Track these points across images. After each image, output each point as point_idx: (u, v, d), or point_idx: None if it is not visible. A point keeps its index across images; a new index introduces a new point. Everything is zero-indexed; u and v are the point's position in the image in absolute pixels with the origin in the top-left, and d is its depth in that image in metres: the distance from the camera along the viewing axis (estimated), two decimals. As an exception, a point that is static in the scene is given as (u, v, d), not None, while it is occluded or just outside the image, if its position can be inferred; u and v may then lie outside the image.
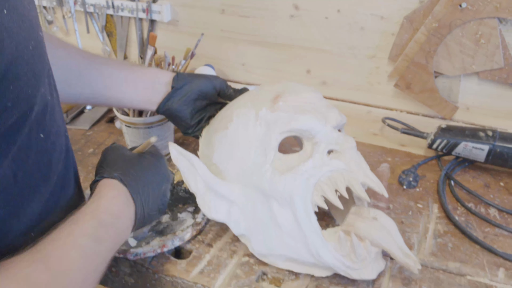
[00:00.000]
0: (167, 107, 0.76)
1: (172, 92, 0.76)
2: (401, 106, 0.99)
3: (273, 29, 1.01)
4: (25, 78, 0.41)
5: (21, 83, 0.40)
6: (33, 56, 0.42)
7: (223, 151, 0.71)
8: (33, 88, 0.43)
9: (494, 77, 0.89)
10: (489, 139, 0.84)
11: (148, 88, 0.76)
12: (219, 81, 0.79)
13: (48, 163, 0.50)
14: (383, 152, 0.97)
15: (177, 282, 0.69)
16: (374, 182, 0.66)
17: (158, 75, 0.77)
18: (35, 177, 0.48)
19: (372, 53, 0.96)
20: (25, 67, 0.41)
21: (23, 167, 0.45)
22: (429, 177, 0.89)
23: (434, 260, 0.71)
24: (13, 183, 0.45)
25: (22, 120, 0.43)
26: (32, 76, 0.42)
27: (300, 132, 0.68)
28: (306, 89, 0.73)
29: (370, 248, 0.64)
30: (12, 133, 0.42)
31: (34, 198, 0.48)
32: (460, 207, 0.81)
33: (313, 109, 0.69)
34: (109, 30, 1.17)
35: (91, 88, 0.72)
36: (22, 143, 0.44)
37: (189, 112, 0.77)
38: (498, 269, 0.70)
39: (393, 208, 0.81)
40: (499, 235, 0.75)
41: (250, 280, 0.68)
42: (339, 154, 0.68)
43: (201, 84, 0.76)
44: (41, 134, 0.47)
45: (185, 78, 0.76)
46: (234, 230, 0.70)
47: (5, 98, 0.39)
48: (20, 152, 0.44)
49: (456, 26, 0.87)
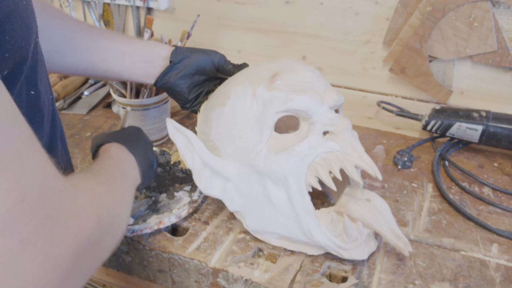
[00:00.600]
0: (165, 81, 0.76)
1: (170, 66, 0.76)
2: (396, 91, 1.00)
3: (268, 15, 1.02)
4: (19, 31, 0.43)
5: (16, 35, 0.42)
6: (26, 10, 0.44)
7: (220, 128, 0.71)
8: (26, 41, 0.45)
9: (487, 61, 0.90)
10: (483, 120, 0.85)
11: (145, 61, 0.76)
12: (218, 56, 0.79)
13: (40, 122, 0.51)
14: (378, 134, 0.97)
15: (174, 259, 0.69)
16: (368, 164, 0.66)
17: (156, 48, 0.77)
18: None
19: (367, 38, 0.97)
20: (20, 20, 0.42)
21: None
22: (423, 158, 0.89)
23: (429, 236, 0.72)
24: None
25: (16, 73, 0.45)
26: (25, 30, 0.44)
27: (296, 112, 0.68)
28: (305, 67, 0.73)
29: (362, 229, 0.65)
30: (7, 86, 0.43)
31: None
32: (454, 187, 0.82)
33: (310, 89, 0.69)
34: (106, 19, 1.18)
35: (88, 60, 0.73)
36: (14, 99, 0.45)
37: (187, 86, 0.77)
38: (491, 245, 0.70)
39: (388, 188, 0.82)
40: (493, 212, 0.76)
41: (246, 256, 0.68)
42: (334, 136, 0.68)
43: (199, 59, 0.77)
44: (32, 91, 0.49)
45: (184, 52, 0.76)
46: (229, 207, 0.70)
47: (3, 49, 0.41)
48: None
49: (449, 10, 0.88)
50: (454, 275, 0.65)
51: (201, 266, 0.68)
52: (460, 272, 0.66)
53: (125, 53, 0.75)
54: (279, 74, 0.70)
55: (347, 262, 0.67)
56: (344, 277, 0.66)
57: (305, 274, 0.65)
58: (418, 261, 0.67)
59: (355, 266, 0.67)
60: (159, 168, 0.85)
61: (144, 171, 0.68)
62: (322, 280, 0.65)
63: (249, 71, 0.75)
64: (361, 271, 0.66)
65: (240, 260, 0.68)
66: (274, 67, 0.72)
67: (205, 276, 0.68)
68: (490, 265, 0.67)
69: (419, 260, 0.68)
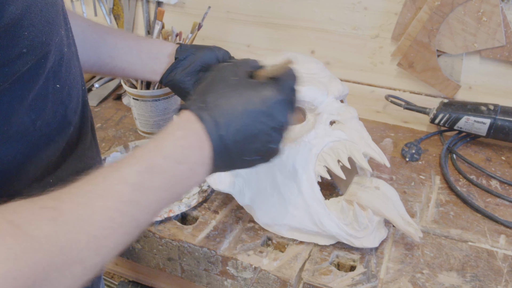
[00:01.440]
0: (170, 78, 0.77)
1: (175, 63, 0.77)
2: (404, 86, 1.00)
3: (277, 10, 1.03)
4: (39, 26, 0.42)
5: (35, 30, 0.42)
6: (46, 4, 0.43)
7: None
8: (47, 36, 0.44)
9: (496, 56, 0.91)
10: (491, 113, 0.85)
11: (152, 58, 0.77)
12: (222, 52, 0.79)
13: (64, 114, 0.51)
14: (386, 128, 0.98)
15: (184, 247, 0.70)
16: (376, 152, 0.67)
17: (162, 46, 0.78)
18: (51, 126, 0.49)
19: (375, 33, 0.98)
20: (39, 15, 0.42)
21: (41, 115, 0.47)
22: (431, 151, 0.90)
23: (436, 227, 0.72)
24: (32, 131, 0.46)
25: (37, 67, 0.44)
26: (46, 24, 0.43)
27: (302, 103, 0.69)
28: (309, 59, 0.74)
29: (372, 217, 0.65)
30: (28, 80, 0.44)
31: (50, 146, 0.50)
32: (462, 179, 0.82)
33: (315, 80, 0.70)
34: (116, 13, 1.19)
35: (95, 57, 0.74)
36: (39, 92, 0.46)
37: (192, 83, 0.78)
38: (499, 236, 0.71)
39: (396, 179, 0.82)
40: (500, 204, 0.77)
41: (255, 244, 0.69)
42: (341, 125, 0.69)
43: (204, 55, 0.77)
44: (57, 84, 0.48)
45: (188, 49, 0.77)
46: (239, 201, 0.71)
47: (20, 44, 0.40)
48: (38, 101, 0.46)
49: (458, 4, 0.88)
50: (461, 265, 0.66)
51: (211, 254, 0.68)
52: (468, 262, 0.66)
53: (133, 49, 0.76)
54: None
55: (355, 251, 0.68)
56: (353, 266, 0.67)
57: (314, 263, 0.66)
58: (426, 251, 0.68)
59: (363, 255, 0.67)
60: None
61: (234, 162, 0.51)
62: (330, 268, 0.65)
63: None
64: (369, 260, 0.66)
65: (249, 248, 0.68)
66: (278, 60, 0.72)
67: (214, 264, 0.69)
68: (498, 256, 0.67)
69: (426, 250, 0.68)
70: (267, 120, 0.50)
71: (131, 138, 0.95)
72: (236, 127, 0.48)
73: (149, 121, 0.92)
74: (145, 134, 0.95)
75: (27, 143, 0.46)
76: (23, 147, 0.46)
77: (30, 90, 0.45)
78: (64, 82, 0.50)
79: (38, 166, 0.49)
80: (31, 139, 0.47)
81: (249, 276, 0.67)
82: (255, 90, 0.50)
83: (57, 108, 0.49)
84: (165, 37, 0.88)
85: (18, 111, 0.44)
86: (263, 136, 0.50)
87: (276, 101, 0.50)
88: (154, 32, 0.89)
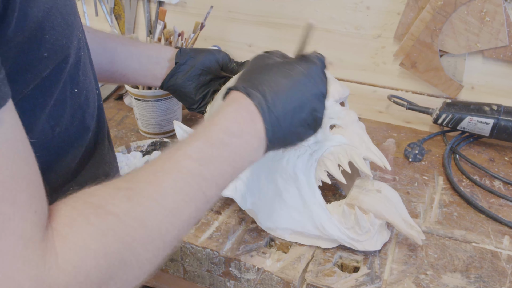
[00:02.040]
0: (172, 82, 0.77)
1: (176, 68, 0.76)
2: (406, 86, 1.00)
3: (279, 9, 1.03)
4: (59, 28, 0.41)
5: (56, 33, 0.40)
6: (65, 6, 0.42)
7: None
8: (67, 39, 0.43)
9: (498, 55, 0.90)
10: (494, 113, 0.85)
11: (152, 63, 0.77)
12: (221, 55, 0.79)
13: (82, 119, 0.50)
14: (389, 128, 0.98)
15: (186, 248, 0.70)
16: (377, 155, 0.67)
17: (162, 50, 0.78)
18: (69, 132, 0.48)
19: (378, 33, 0.98)
20: (59, 17, 0.41)
21: (60, 122, 0.46)
22: (434, 152, 0.90)
23: (440, 228, 0.72)
24: (51, 138, 0.45)
25: (57, 72, 0.43)
26: (66, 27, 0.42)
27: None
28: None
29: (374, 221, 0.65)
30: (49, 85, 0.43)
31: (69, 153, 0.49)
32: (465, 180, 0.82)
33: None
34: (117, 13, 1.18)
35: (96, 64, 0.72)
36: (57, 97, 0.44)
37: (193, 87, 0.78)
38: (503, 237, 0.70)
39: (399, 180, 0.82)
40: (504, 205, 0.76)
41: (258, 245, 0.69)
42: (341, 129, 0.69)
43: (204, 58, 0.77)
44: (75, 89, 0.47)
45: (188, 53, 0.77)
46: (241, 205, 0.71)
47: (42, 48, 0.39)
48: (57, 107, 0.45)
49: (461, 4, 0.88)
50: (465, 266, 0.65)
51: (213, 255, 0.68)
52: (472, 263, 0.66)
53: (132, 54, 0.75)
54: None
55: (359, 252, 0.68)
56: (356, 267, 0.67)
57: (317, 264, 0.66)
58: (429, 252, 0.68)
59: (367, 256, 0.67)
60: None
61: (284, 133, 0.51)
62: (334, 269, 0.65)
63: None
64: (373, 261, 0.66)
65: (252, 249, 0.68)
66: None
67: (217, 265, 0.69)
68: (502, 257, 0.67)
69: (430, 251, 0.68)
70: (309, 88, 0.52)
71: (133, 139, 0.94)
72: (283, 98, 0.50)
73: (151, 121, 0.91)
74: (147, 135, 0.94)
75: (47, 151, 0.45)
76: (43, 155, 0.44)
77: (51, 96, 0.43)
78: (81, 86, 0.48)
79: (58, 174, 0.48)
80: (51, 146, 0.46)
81: (252, 277, 0.67)
82: (292, 64, 0.53)
83: (75, 113, 0.48)
84: (167, 37, 0.88)
85: (40, 118, 0.43)
86: (308, 104, 0.52)
87: (313, 69, 0.53)
88: (156, 32, 0.89)
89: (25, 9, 0.36)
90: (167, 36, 0.88)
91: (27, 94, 0.40)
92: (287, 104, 0.50)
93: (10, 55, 0.36)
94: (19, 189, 0.32)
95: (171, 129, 0.94)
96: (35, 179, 0.35)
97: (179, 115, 0.95)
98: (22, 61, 0.38)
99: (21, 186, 0.33)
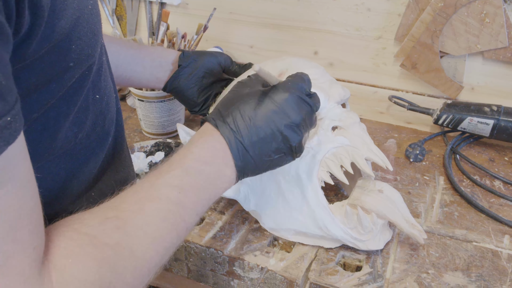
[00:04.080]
0: (174, 85, 0.77)
1: (179, 70, 0.77)
2: (406, 87, 1.01)
3: (280, 11, 1.04)
4: (85, 38, 0.40)
5: (82, 43, 0.40)
6: (91, 15, 0.41)
7: None
8: (92, 48, 0.42)
9: (498, 57, 0.91)
10: (494, 114, 0.86)
11: (155, 66, 0.77)
12: (224, 57, 0.80)
13: (103, 124, 0.49)
14: (390, 128, 0.99)
15: (190, 247, 0.70)
16: (378, 156, 0.68)
17: (165, 53, 0.78)
18: (91, 138, 0.48)
19: (379, 34, 0.98)
20: (86, 27, 0.40)
21: (83, 128, 0.46)
22: (435, 152, 0.91)
23: (441, 227, 0.73)
24: (74, 145, 0.45)
25: (82, 80, 0.43)
26: (91, 36, 0.41)
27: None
28: (309, 65, 0.74)
29: (376, 220, 0.66)
30: (73, 93, 0.42)
31: (91, 159, 0.48)
32: (465, 179, 0.83)
33: (316, 86, 0.70)
34: (119, 14, 1.19)
35: None
36: (81, 104, 0.44)
37: (196, 90, 0.79)
38: (503, 236, 0.71)
39: (400, 180, 0.83)
40: (504, 205, 0.77)
41: (261, 245, 0.70)
42: (343, 130, 0.69)
43: (207, 61, 0.78)
44: (97, 95, 0.47)
45: (191, 56, 0.78)
46: (244, 206, 0.72)
47: (68, 58, 0.39)
48: (80, 114, 0.45)
49: (461, 6, 0.89)
50: (466, 265, 0.66)
51: (217, 254, 0.69)
52: (473, 262, 0.67)
53: (136, 58, 0.76)
54: (284, 73, 0.71)
55: (361, 251, 0.68)
56: (358, 266, 0.67)
57: (320, 263, 0.67)
58: (431, 251, 0.69)
59: (369, 255, 0.68)
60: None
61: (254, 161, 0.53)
62: (337, 268, 0.66)
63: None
64: (375, 260, 0.67)
65: (256, 248, 0.69)
66: (279, 66, 0.73)
67: (221, 265, 0.70)
68: (502, 256, 0.68)
69: (432, 250, 0.69)
70: (280, 119, 0.53)
71: (136, 139, 0.95)
72: (252, 130, 0.52)
73: (154, 122, 0.92)
74: (150, 135, 0.95)
75: (69, 158, 0.45)
76: (66, 162, 0.45)
77: (75, 104, 0.43)
78: (102, 92, 0.48)
79: (80, 180, 0.47)
80: (73, 153, 0.45)
81: (256, 276, 0.67)
82: (264, 94, 0.54)
83: (96, 119, 0.48)
84: (170, 38, 0.89)
85: (64, 126, 0.43)
86: (278, 134, 0.53)
87: (285, 99, 0.53)
88: (159, 33, 0.90)
89: (53, 22, 0.35)
90: (170, 38, 0.89)
91: (52, 103, 0.40)
92: (255, 135, 0.52)
93: (36, 67, 0.36)
94: (21, 226, 0.33)
95: (174, 129, 0.94)
96: (37, 213, 0.35)
97: (182, 116, 0.96)
98: (48, 72, 0.38)
99: (24, 223, 0.33)
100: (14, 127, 0.30)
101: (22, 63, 0.34)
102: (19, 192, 0.33)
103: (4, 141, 0.30)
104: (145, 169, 0.84)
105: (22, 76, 0.34)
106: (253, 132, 0.52)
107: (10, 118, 0.30)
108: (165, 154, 0.88)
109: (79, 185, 0.47)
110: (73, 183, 0.46)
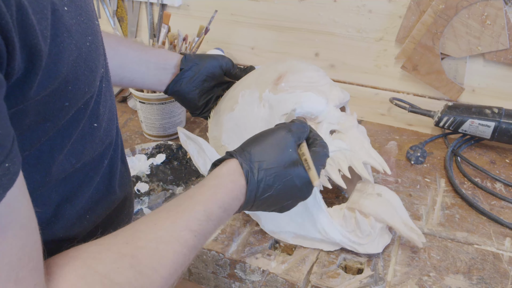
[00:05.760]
0: (176, 88, 0.78)
1: (181, 74, 0.77)
2: (407, 89, 1.01)
3: (282, 12, 1.04)
4: (83, 77, 0.40)
5: (79, 83, 0.39)
6: (90, 52, 0.40)
7: (230, 133, 0.73)
8: (89, 85, 0.41)
9: (499, 59, 0.91)
10: (495, 116, 0.86)
11: (159, 69, 0.77)
12: (225, 60, 0.80)
13: (101, 150, 0.49)
14: (391, 130, 0.99)
15: (192, 250, 0.70)
16: (376, 160, 0.68)
17: (168, 56, 0.79)
18: (88, 166, 0.47)
19: (380, 36, 0.98)
20: (83, 66, 0.39)
21: (80, 157, 0.45)
22: (436, 154, 0.91)
23: (442, 230, 0.73)
24: (70, 174, 0.45)
25: (77, 115, 0.42)
26: (89, 74, 0.41)
27: (302, 113, 0.70)
28: (309, 67, 0.74)
29: (374, 224, 0.66)
30: (68, 127, 0.42)
31: (87, 184, 0.48)
32: (466, 182, 0.83)
33: (315, 89, 0.70)
34: (120, 15, 1.19)
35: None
36: (77, 136, 0.44)
37: (197, 93, 0.79)
38: (504, 239, 0.71)
39: (401, 182, 0.83)
40: (505, 207, 0.77)
41: (263, 247, 0.70)
42: (341, 134, 0.69)
43: (208, 65, 0.78)
44: (95, 123, 0.46)
45: (193, 59, 0.78)
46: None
47: (63, 99, 0.38)
48: (76, 144, 0.44)
49: (462, 8, 0.89)
50: (468, 268, 0.66)
51: (219, 257, 0.69)
52: (474, 265, 0.67)
53: (142, 59, 0.76)
54: (284, 76, 0.71)
55: (362, 254, 0.68)
56: (360, 269, 0.68)
57: (322, 266, 0.67)
58: (432, 253, 0.69)
59: (371, 258, 0.68)
60: (175, 162, 0.86)
61: (257, 191, 0.56)
62: (338, 271, 0.66)
63: (255, 74, 0.76)
64: (376, 263, 0.67)
65: (257, 251, 0.69)
66: (279, 68, 0.73)
67: (223, 267, 0.70)
68: (504, 259, 0.68)
69: (433, 253, 0.69)
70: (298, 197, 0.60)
71: (137, 141, 0.95)
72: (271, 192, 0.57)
73: (155, 124, 0.92)
74: (151, 137, 0.95)
75: (64, 184, 0.45)
76: (61, 188, 0.45)
77: (69, 138, 0.43)
78: (101, 119, 0.47)
79: (75, 205, 0.47)
80: (67, 178, 0.45)
81: (257, 279, 0.68)
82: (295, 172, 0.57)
83: (95, 147, 0.47)
84: (171, 40, 0.89)
85: (58, 159, 0.42)
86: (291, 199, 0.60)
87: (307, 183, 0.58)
88: (160, 35, 0.90)
89: (50, 67, 0.35)
90: (171, 40, 0.89)
91: (45, 140, 0.39)
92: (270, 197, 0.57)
93: (31, 109, 0.35)
94: (23, 266, 0.33)
95: (175, 132, 0.94)
96: (37, 249, 0.35)
97: (183, 118, 0.96)
98: (43, 112, 0.37)
99: (25, 262, 0.33)
100: (13, 170, 0.30)
101: (16, 107, 0.34)
102: (20, 233, 0.33)
103: (3, 189, 0.30)
104: (146, 171, 0.84)
105: (15, 118, 0.34)
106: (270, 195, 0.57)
107: (8, 164, 0.30)
108: (166, 156, 0.88)
109: (73, 210, 0.47)
110: (67, 208, 0.46)
